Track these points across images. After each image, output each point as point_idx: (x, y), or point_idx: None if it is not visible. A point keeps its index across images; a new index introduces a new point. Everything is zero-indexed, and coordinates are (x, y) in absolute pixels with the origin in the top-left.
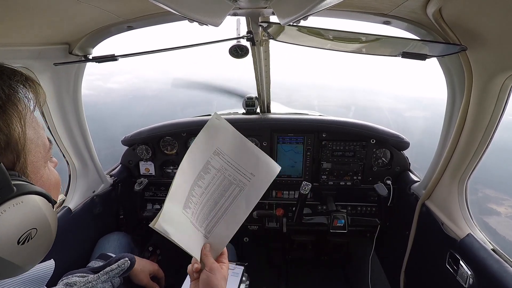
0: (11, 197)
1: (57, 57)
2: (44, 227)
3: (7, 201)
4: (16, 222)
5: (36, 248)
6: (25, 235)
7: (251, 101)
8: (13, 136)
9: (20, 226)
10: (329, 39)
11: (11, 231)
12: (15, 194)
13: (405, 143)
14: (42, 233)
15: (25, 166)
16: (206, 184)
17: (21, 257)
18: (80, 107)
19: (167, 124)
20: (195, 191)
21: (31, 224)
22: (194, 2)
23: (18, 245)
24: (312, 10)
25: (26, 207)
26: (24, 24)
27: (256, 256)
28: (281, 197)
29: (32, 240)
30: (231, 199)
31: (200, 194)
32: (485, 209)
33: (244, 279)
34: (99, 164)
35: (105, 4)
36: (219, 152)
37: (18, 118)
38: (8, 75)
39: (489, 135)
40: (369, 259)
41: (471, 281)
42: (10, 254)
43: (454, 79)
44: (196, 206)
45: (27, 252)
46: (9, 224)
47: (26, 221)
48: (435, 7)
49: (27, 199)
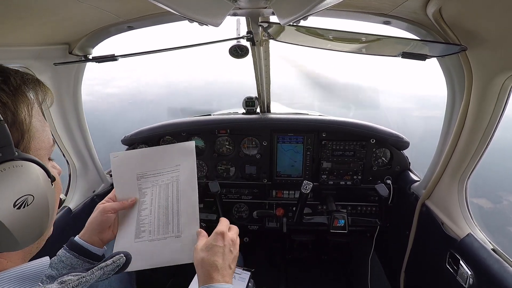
0: (11, 159)
1: (57, 57)
2: (41, 197)
3: (7, 161)
4: (13, 183)
5: (31, 219)
6: (21, 199)
7: (251, 101)
8: (19, 115)
9: (17, 189)
10: (329, 39)
11: (8, 191)
12: (16, 156)
13: (405, 142)
14: (39, 203)
15: (28, 148)
16: (149, 203)
17: (16, 224)
18: (80, 107)
19: (167, 124)
20: (142, 216)
21: (28, 190)
22: (194, 2)
23: (14, 208)
24: (312, 10)
25: (25, 172)
26: (24, 24)
27: (256, 256)
28: (281, 197)
29: (28, 207)
30: (176, 193)
31: (149, 214)
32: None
33: (250, 285)
34: (99, 163)
35: (105, 4)
36: (140, 175)
37: (26, 104)
38: (21, 73)
39: (489, 135)
40: (369, 259)
41: (471, 281)
42: (5, 216)
43: (454, 79)
44: (151, 225)
45: (23, 220)
46: (6, 184)
47: (23, 184)
48: (435, 7)
49: (27, 164)
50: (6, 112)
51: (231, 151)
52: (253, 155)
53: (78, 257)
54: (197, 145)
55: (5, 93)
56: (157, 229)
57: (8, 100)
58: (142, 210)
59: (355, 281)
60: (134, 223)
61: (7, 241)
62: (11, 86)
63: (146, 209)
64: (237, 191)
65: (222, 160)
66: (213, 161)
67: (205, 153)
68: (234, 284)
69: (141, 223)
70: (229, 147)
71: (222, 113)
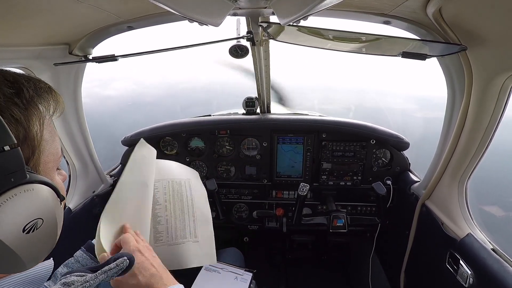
0: (23, 183)
1: (57, 57)
2: (50, 219)
3: (19, 186)
4: (24, 209)
5: (40, 241)
6: (31, 223)
7: (251, 102)
8: (31, 131)
9: (28, 213)
10: (329, 39)
11: (18, 216)
12: (27, 180)
13: (405, 143)
14: (47, 226)
15: (38, 164)
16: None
17: (24, 248)
18: (80, 107)
19: (167, 124)
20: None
21: (38, 214)
22: (194, 2)
23: (23, 233)
24: (312, 10)
25: (36, 195)
26: (24, 24)
27: (256, 256)
28: (281, 197)
29: (37, 231)
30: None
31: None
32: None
33: (252, 286)
34: (99, 164)
35: (105, 4)
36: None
37: (38, 117)
38: (34, 81)
39: (489, 135)
40: (369, 259)
41: (471, 280)
42: (14, 241)
43: (454, 79)
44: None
45: (31, 243)
46: (17, 209)
47: (33, 209)
48: (435, 7)
49: (37, 188)
50: (18, 129)
51: (231, 152)
52: (253, 156)
53: (93, 258)
54: (197, 145)
55: (18, 107)
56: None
57: (21, 116)
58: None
59: (355, 281)
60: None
61: (14, 264)
62: (24, 99)
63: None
64: (237, 191)
65: (222, 160)
66: (213, 161)
67: (205, 153)
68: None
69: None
70: (229, 147)
71: (222, 114)
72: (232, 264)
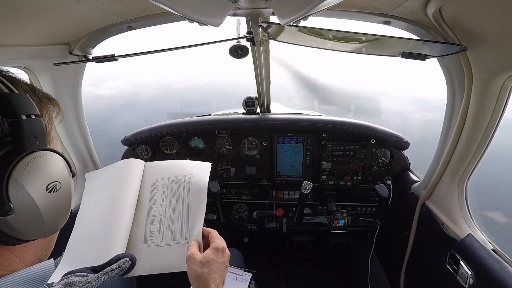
0: (45, 149)
1: (57, 57)
2: (66, 186)
3: (43, 150)
4: (47, 169)
5: (58, 204)
6: (52, 184)
7: (251, 101)
8: (44, 118)
9: (50, 174)
10: (329, 39)
11: (43, 175)
12: (48, 148)
13: (405, 143)
14: (64, 192)
15: None
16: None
17: (46, 207)
18: (80, 107)
19: (167, 124)
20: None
21: (57, 177)
22: (194, 2)
23: (46, 191)
24: (312, 10)
25: (55, 161)
26: (24, 24)
27: (256, 256)
28: (281, 197)
29: (56, 193)
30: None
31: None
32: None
33: (251, 286)
34: (99, 164)
35: (105, 4)
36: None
37: (48, 113)
38: (39, 89)
39: (489, 135)
40: (369, 259)
41: (471, 281)
42: (38, 197)
43: (454, 79)
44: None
45: (52, 204)
46: (42, 169)
47: (54, 172)
48: (435, 7)
49: (56, 156)
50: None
51: (231, 152)
52: (253, 156)
53: None
54: (197, 145)
55: (34, 99)
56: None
57: (36, 105)
58: (153, 214)
59: (355, 281)
60: (144, 225)
61: (36, 226)
62: (37, 97)
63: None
64: (237, 191)
65: (222, 160)
66: (213, 161)
67: (205, 153)
68: (236, 285)
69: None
70: (229, 147)
71: (222, 113)
72: (232, 264)
